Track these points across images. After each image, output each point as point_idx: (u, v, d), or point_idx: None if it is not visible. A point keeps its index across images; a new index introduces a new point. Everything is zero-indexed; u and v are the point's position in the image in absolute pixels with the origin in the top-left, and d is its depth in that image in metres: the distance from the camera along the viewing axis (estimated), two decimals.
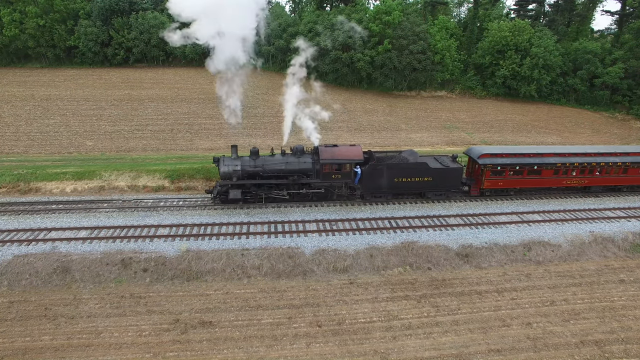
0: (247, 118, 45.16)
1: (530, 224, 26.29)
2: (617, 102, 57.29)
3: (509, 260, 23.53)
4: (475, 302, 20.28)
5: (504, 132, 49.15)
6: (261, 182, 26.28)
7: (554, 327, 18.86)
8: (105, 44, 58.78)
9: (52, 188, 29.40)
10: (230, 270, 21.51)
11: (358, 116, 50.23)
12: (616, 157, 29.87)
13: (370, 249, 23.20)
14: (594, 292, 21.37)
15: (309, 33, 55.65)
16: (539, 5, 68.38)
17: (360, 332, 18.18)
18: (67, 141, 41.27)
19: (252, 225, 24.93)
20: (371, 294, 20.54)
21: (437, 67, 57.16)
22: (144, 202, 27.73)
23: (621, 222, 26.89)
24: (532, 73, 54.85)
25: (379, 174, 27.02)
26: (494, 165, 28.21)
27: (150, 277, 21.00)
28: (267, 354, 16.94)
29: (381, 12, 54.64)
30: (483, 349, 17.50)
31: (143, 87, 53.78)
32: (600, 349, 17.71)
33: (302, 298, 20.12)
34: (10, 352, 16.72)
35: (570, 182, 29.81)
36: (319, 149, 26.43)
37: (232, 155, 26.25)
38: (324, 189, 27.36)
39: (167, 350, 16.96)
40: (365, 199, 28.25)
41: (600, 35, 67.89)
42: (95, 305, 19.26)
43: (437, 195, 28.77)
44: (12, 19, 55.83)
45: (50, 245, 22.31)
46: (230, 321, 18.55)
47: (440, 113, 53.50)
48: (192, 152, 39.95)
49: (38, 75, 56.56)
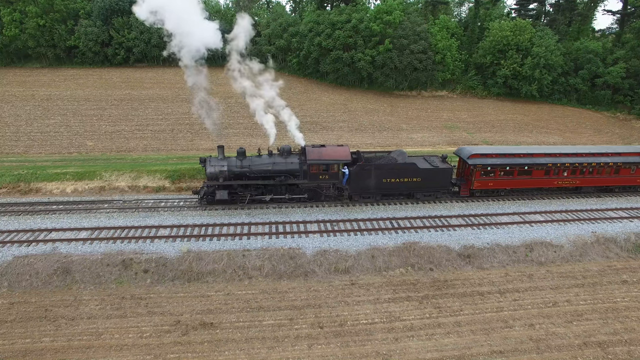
0: (247, 118, 45.02)
1: (532, 225, 26.18)
2: (618, 102, 57.18)
3: (511, 261, 23.44)
4: (478, 303, 20.19)
5: (505, 132, 49.06)
6: (248, 183, 26.17)
7: (556, 329, 18.77)
8: (106, 44, 58.72)
9: (53, 188, 29.33)
10: (232, 271, 21.43)
11: (359, 116, 50.15)
12: (608, 157, 29.69)
13: (371, 249, 23.11)
14: (596, 293, 21.27)
15: (310, 33, 55.59)
16: (540, 5, 68.28)
17: (362, 334, 18.09)
18: (68, 141, 41.21)
19: (253, 225, 24.84)
20: (373, 295, 20.46)
21: (438, 66, 57.10)
22: (145, 203, 27.64)
23: (623, 223, 26.78)
24: (534, 73, 54.75)
25: (367, 175, 26.90)
26: (483, 165, 28.05)
27: (151, 278, 20.92)
28: (269, 356, 16.85)
29: (382, 12, 54.55)
30: (485, 351, 17.41)
31: (143, 87, 53.72)
32: (603, 351, 17.61)
33: (303, 299, 20.04)
34: (10, 353, 16.65)
35: (562, 183, 29.68)
36: (306, 150, 26.28)
37: (218, 156, 26.02)
38: (308, 193, 27.30)
39: (168, 352, 16.88)
40: (353, 199, 28.16)
41: (602, 35, 67.80)
42: (95, 307, 19.18)
43: (426, 196, 28.66)
44: (12, 18, 55.79)
45: (51, 246, 22.23)
46: (232, 322, 18.47)
47: (441, 113, 53.42)
48: (193, 152, 39.87)
49: (38, 75, 56.51)
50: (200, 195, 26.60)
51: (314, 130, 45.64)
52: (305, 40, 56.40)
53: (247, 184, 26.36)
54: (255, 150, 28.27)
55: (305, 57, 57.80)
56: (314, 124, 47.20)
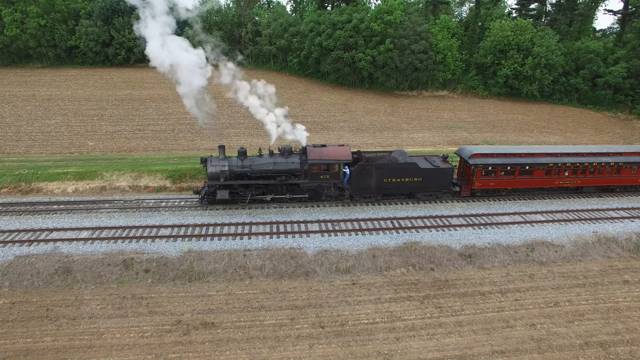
0: (248, 118, 44.99)
1: (533, 225, 26.15)
2: (619, 102, 57.14)
3: (512, 260, 23.42)
4: (479, 303, 20.17)
5: (506, 132, 49.03)
6: (249, 183, 26.17)
7: (558, 328, 18.74)
8: (107, 44, 58.79)
9: (54, 188, 29.35)
10: (233, 271, 21.43)
11: (360, 116, 50.14)
12: (609, 157, 29.63)
13: (372, 249, 23.10)
14: (598, 293, 21.24)
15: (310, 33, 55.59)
16: (540, 5, 68.24)
17: (363, 333, 18.08)
18: (69, 141, 41.23)
19: (254, 225, 24.83)
20: (374, 295, 20.44)
21: (438, 66, 57.08)
22: (146, 203, 27.64)
23: (625, 223, 26.74)
24: (534, 73, 54.74)
25: (368, 175, 26.89)
26: (485, 165, 28.02)
27: (152, 278, 20.92)
28: (270, 356, 16.85)
29: (383, 12, 54.53)
30: (487, 350, 17.39)
31: (144, 87, 53.75)
32: (605, 351, 17.59)
33: (304, 299, 20.02)
34: (12, 353, 16.65)
35: (563, 183, 29.63)
36: (307, 149, 26.28)
37: (219, 156, 26.01)
38: (309, 193, 27.28)
39: (169, 352, 16.88)
40: (354, 199, 28.14)
41: (603, 35, 67.72)
42: (97, 306, 19.18)
43: (427, 195, 28.63)
44: (14, 18, 55.88)
45: (52, 246, 22.24)
46: (233, 322, 18.47)
47: (442, 113, 53.41)
48: (194, 152, 39.87)
49: (39, 75, 56.57)
50: (201, 195, 26.59)
51: (315, 130, 45.61)
52: (306, 40, 56.39)
53: (248, 184, 26.35)
54: (256, 150, 28.26)
55: (306, 57, 57.79)
56: (315, 123, 47.19)
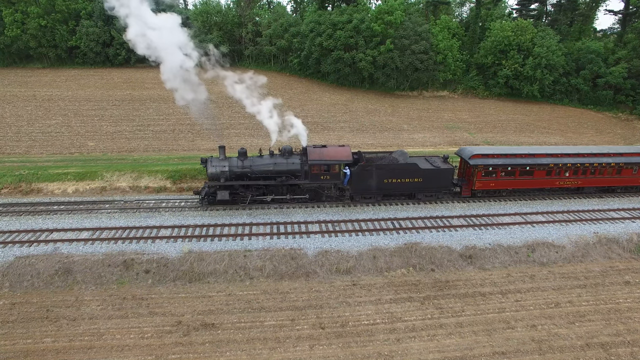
0: (248, 118, 45.00)
1: (534, 225, 26.11)
2: (620, 102, 57.08)
3: (513, 261, 23.38)
4: (479, 304, 20.13)
5: (507, 132, 48.99)
6: (249, 183, 26.15)
7: (558, 329, 18.70)
8: (107, 44, 58.80)
9: (54, 189, 29.34)
10: (233, 272, 21.40)
11: (360, 116, 50.11)
12: (609, 157, 29.60)
13: (373, 250, 23.07)
14: (598, 294, 21.19)
15: (311, 33, 55.58)
16: (541, 5, 68.21)
17: (363, 334, 18.05)
18: (69, 142, 41.23)
19: (254, 226, 24.81)
20: (374, 296, 20.41)
21: (439, 67, 57.05)
22: (146, 203, 27.63)
23: (625, 223, 26.71)
24: (535, 73, 54.68)
25: (368, 175, 26.87)
26: (485, 166, 27.98)
27: (152, 279, 20.90)
28: (270, 357, 16.82)
29: (383, 12, 54.51)
30: (487, 352, 17.35)
31: (145, 88, 53.75)
32: (606, 352, 17.55)
33: (305, 300, 20.00)
34: (12, 354, 16.63)
35: (564, 183, 29.59)
36: (307, 150, 26.27)
37: (219, 156, 25.98)
38: (309, 193, 27.26)
39: (170, 353, 16.85)
40: (354, 200, 28.11)
41: (603, 35, 67.70)
42: (97, 307, 19.16)
43: (428, 196, 28.60)
44: (14, 19, 55.91)
45: (52, 247, 22.23)
46: (233, 323, 18.44)
47: (442, 113, 53.36)
48: (194, 152, 39.85)
49: (40, 76, 56.58)
50: (202, 196, 26.56)
51: (315, 130, 45.60)
52: (306, 40, 56.39)
53: (248, 185, 26.32)
54: (256, 150, 28.24)
55: (306, 58, 57.78)
56: (315, 124, 47.17)
